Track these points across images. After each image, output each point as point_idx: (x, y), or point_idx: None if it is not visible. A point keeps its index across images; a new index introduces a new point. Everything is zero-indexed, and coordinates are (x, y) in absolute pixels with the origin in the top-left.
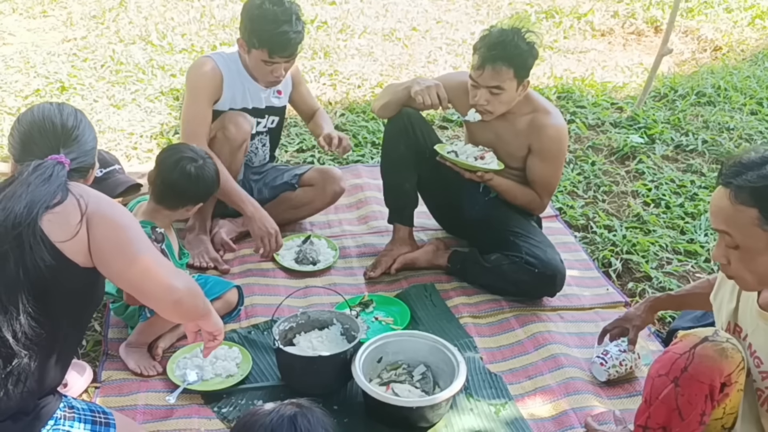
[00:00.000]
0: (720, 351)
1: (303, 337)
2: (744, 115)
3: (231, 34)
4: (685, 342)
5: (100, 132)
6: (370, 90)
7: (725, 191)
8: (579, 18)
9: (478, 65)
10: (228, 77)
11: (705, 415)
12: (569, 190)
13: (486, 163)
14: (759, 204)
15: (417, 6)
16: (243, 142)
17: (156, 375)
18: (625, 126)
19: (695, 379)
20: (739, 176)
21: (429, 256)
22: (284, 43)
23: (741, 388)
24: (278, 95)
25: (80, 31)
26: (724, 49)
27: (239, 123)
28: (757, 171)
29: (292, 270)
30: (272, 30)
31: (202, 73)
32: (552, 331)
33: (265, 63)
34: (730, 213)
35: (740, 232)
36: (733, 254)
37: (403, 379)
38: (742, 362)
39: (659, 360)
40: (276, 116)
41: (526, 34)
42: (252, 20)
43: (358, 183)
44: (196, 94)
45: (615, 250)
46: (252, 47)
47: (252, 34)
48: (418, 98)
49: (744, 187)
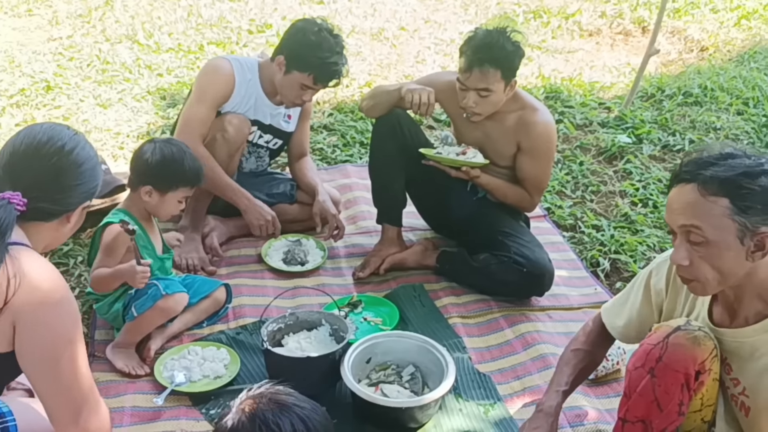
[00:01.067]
0: (693, 339)
1: (291, 338)
2: (730, 115)
3: (218, 34)
4: (658, 333)
5: (86, 132)
6: (358, 89)
7: (691, 186)
8: (567, 18)
9: (466, 68)
10: (240, 85)
11: (683, 405)
12: (557, 190)
13: (469, 158)
14: (729, 193)
15: (405, 5)
16: (241, 144)
17: (143, 376)
18: (613, 126)
19: (670, 368)
20: (707, 169)
21: (418, 257)
22: (332, 74)
23: (716, 377)
24: (288, 119)
25: (66, 30)
26: (711, 50)
27: (238, 125)
28: (723, 162)
29: (281, 271)
30: (325, 59)
31: (216, 76)
32: (540, 330)
33: (303, 87)
34: (701, 205)
35: (710, 224)
36: (697, 252)
37: (392, 380)
38: (714, 350)
39: (635, 353)
40: (281, 140)
41: (512, 34)
42: (306, 45)
43: (346, 183)
44: (204, 96)
45: (603, 250)
46: (296, 70)
47: (301, 58)
48: (408, 96)
49: (714, 178)
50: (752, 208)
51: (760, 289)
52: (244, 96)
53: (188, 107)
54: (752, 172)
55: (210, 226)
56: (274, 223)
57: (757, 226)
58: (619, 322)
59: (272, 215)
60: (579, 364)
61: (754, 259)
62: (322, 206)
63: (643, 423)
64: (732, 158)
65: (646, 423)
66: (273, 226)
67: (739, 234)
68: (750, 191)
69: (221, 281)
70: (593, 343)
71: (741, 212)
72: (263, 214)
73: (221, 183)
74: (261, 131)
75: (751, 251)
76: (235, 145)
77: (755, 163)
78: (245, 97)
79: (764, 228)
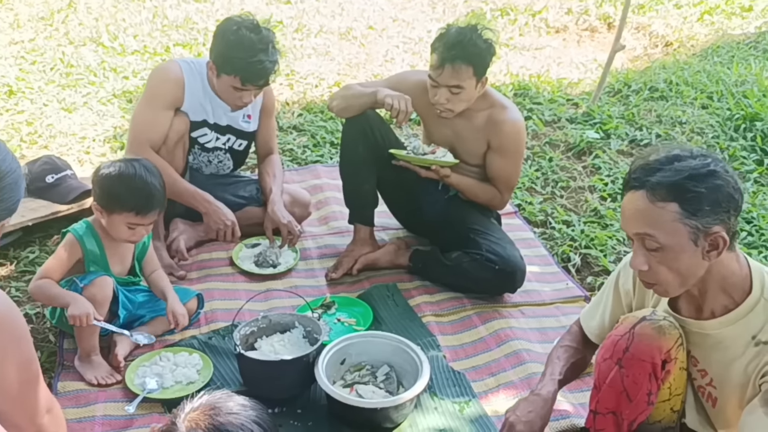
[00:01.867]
0: (657, 329)
1: (264, 341)
2: (695, 109)
3: (184, 35)
4: (624, 324)
5: (51, 137)
6: (327, 89)
7: (640, 193)
8: (534, 15)
9: (438, 65)
10: (191, 88)
11: (652, 394)
12: (528, 187)
13: (438, 157)
14: (677, 198)
15: (373, 4)
16: (179, 139)
17: (114, 384)
18: (581, 122)
19: (637, 358)
20: (653, 175)
21: (390, 256)
22: (259, 72)
23: (682, 366)
24: (248, 119)
25: (28, 33)
26: (675, 45)
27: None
28: (669, 166)
29: (252, 273)
30: (247, 58)
31: (164, 79)
32: (514, 327)
33: (235, 89)
34: (651, 213)
35: (663, 231)
36: (654, 257)
37: (366, 381)
38: (680, 338)
39: (603, 345)
40: (244, 140)
41: (484, 32)
42: (227, 46)
43: (317, 183)
44: (153, 99)
45: (574, 245)
46: (224, 73)
47: (225, 60)
48: (388, 100)
49: (661, 184)
50: (701, 210)
51: (723, 283)
52: (196, 98)
53: (137, 112)
54: (698, 174)
55: (178, 230)
56: (234, 228)
57: (708, 227)
58: (594, 324)
59: (232, 221)
60: (570, 358)
61: (710, 258)
62: (272, 218)
63: (614, 414)
64: (678, 160)
65: (616, 414)
66: (232, 232)
67: (692, 236)
68: (697, 194)
69: (195, 291)
70: (579, 341)
71: (691, 215)
72: (223, 218)
73: (178, 188)
74: (218, 133)
75: (706, 251)
76: (171, 140)
77: (701, 164)
78: (198, 100)
79: (716, 227)
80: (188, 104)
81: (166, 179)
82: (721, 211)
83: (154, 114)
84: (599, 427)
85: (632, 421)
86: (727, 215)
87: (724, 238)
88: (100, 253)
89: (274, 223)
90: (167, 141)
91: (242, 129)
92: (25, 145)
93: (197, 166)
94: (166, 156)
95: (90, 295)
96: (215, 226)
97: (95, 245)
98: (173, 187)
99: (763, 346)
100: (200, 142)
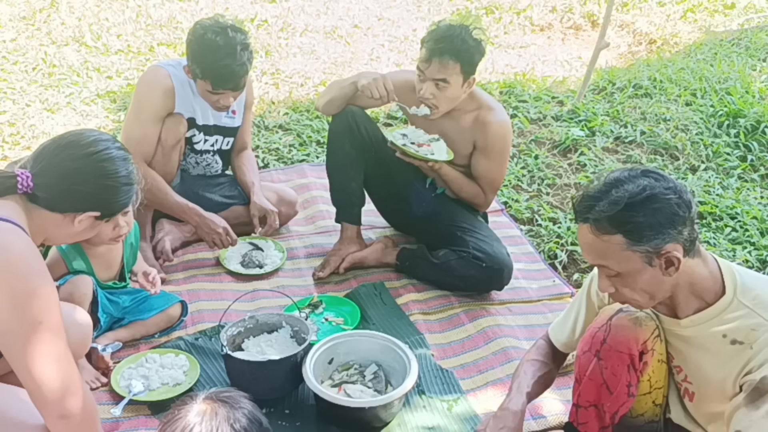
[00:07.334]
0: (634, 320)
1: (252, 342)
2: (679, 106)
3: (168, 34)
4: (602, 316)
5: (34, 137)
6: (313, 88)
7: (587, 226)
8: (518, 13)
9: (426, 58)
10: (180, 93)
11: (632, 386)
12: (514, 184)
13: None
14: (620, 229)
15: (358, 3)
16: (176, 143)
17: (100, 387)
18: (566, 119)
19: (614, 349)
20: (592, 209)
21: (378, 255)
22: (226, 76)
23: (661, 357)
24: (233, 114)
25: (9, 33)
26: (659, 42)
27: (169, 126)
28: (606, 199)
29: (239, 274)
30: (214, 62)
31: (153, 90)
32: (501, 324)
33: (210, 93)
34: (599, 245)
35: (614, 260)
36: (617, 282)
37: (354, 380)
38: (656, 330)
39: (583, 338)
40: (231, 137)
41: (474, 31)
42: (194, 51)
43: (303, 183)
44: (142, 113)
45: (560, 242)
46: (197, 77)
47: (195, 64)
48: (366, 92)
49: (601, 219)
50: (645, 237)
51: (691, 289)
52: (188, 101)
53: (126, 125)
54: (635, 202)
55: (164, 231)
56: (228, 233)
57: (659, 247)
58: (563, 336)
59: (224, 227)
60: (537, 372)
61: (670, 274)
62: (259, 206)
63: (595, 407)
64: (616, 187)
65: (598, 407)
66: (228, 236)
67: (645, 259)
68: (636, 224)
69: (177, 297)
70: (546, 355)
71: (637, 242)
72: (214, 227)
73: (169, 202)
74: (206, 135)
75: (664, 269)
76: (168, 144)
77: (636, 190)
78: (187, 102)
79: (667, 246)
80: (179, 105)
81: (157, 193)
82: (667, 231)
83: (144, 129)
84: (582, 420)
85: (614, 413)
86: (675, 232)
87: (677, 256)
88: (86, 264)
89: (261, 210)
90: (164, 144)
91: (227, 126)
92: (8, 146)
93: (185, 167)
94: (162, 159)
95: (66, 293)
96: (209, 238)
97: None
98: (165, 201)
99: (739, 346)
100: (192, 141)
